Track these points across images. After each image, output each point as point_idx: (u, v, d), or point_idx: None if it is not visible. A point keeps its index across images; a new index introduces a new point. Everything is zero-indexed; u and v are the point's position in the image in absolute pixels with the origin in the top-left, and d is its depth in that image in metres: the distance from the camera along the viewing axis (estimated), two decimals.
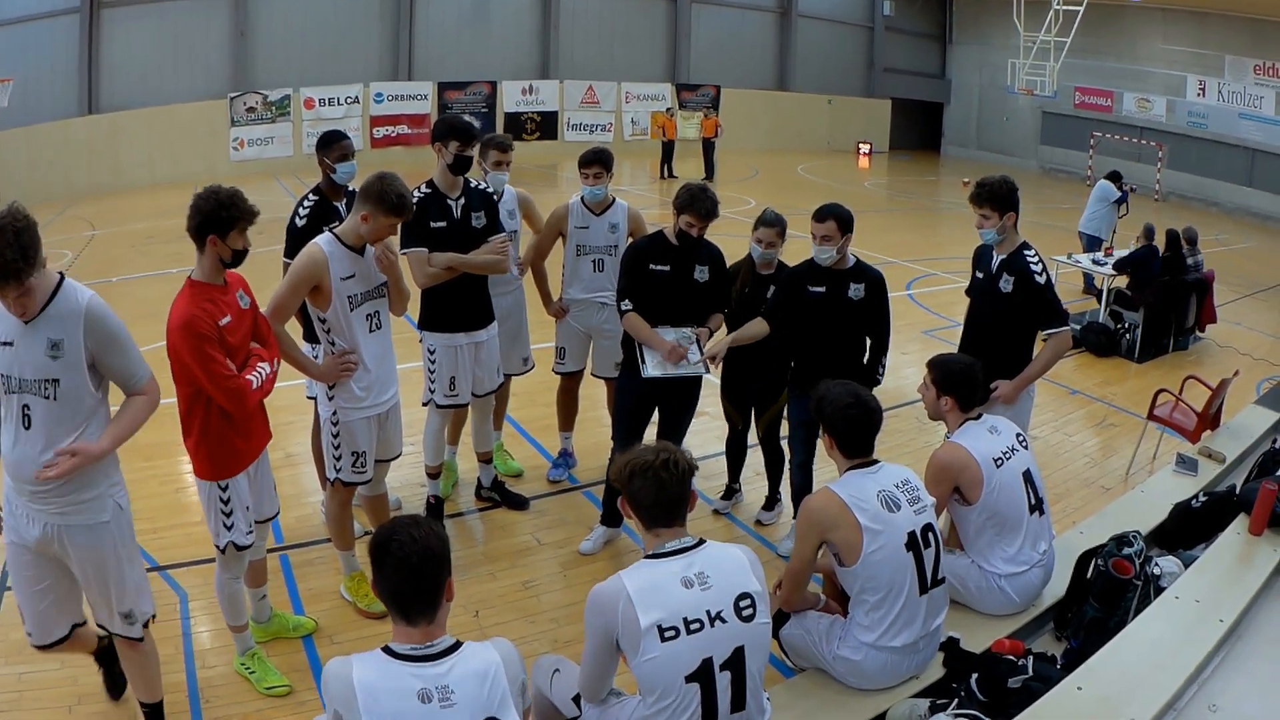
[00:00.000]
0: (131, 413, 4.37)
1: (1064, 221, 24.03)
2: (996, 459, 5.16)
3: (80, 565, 4.40)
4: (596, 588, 3.73)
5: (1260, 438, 7.60)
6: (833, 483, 4.64)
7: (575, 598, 6.40)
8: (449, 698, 3.00)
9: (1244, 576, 4.96)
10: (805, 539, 4.63)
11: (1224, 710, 3.99)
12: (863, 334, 6.70)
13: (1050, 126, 38.63)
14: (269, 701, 5.36)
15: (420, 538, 3.11)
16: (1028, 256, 6.25)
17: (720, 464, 7.88)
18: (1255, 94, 30.62)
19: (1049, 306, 6.27)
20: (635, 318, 6.57)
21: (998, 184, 6.25)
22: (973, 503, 5.15)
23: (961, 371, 5.36)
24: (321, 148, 6.56)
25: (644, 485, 3.76)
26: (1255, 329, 15.40)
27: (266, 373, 4.96)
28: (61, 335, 4.06)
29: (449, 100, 32.69)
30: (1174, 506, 6.11)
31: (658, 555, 3.75)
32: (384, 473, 6.28)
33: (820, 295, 6.55)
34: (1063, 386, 11.47)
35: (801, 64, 40.96)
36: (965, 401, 5.34)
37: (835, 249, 6.39)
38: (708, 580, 3.67)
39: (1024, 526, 5.19)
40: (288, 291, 5.41)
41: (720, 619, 3.63)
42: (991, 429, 5.32)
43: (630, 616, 3.57)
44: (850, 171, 36.82)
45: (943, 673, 4.69)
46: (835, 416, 4.65)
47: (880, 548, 4.42)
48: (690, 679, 3.59)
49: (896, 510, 4.50)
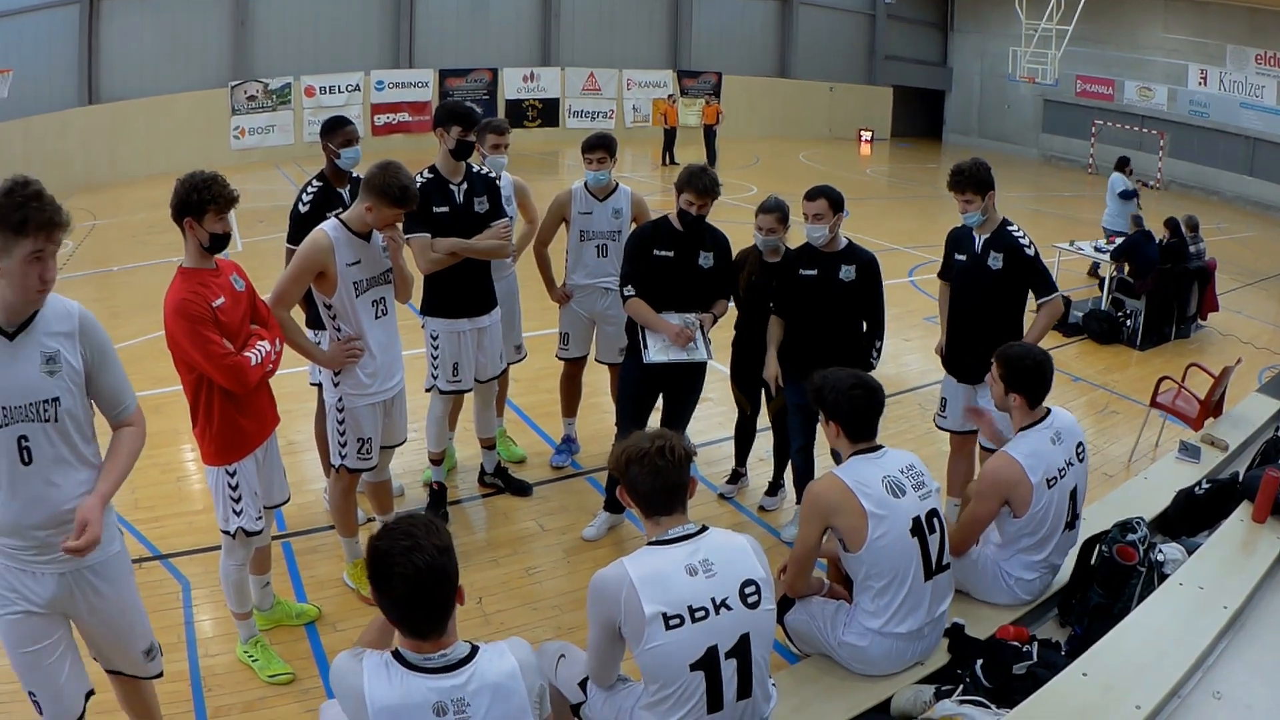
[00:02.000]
0: (127, 448, 3.95)
1: (1065, 210, 24.12)
2: (1051, 479, 5.02)
3: (97, 611, 3.97)
4: (598, 574, 3.70)
5: (1263, 426, 7.61)
6: (837, 468, 4.62)
7: (578, 584, 6.41)
8: (465, 711, 2.94)
9: (1247, 563, 4.96)
10: (810, 524, 4.61)
11: (1228, 697, 3.98)
12: (856, 317, 6.72)
13: (1051, 115, 38.60)
14: (272, 689, 5.35)
15: (423, 562, 2.94)
16: (1013, 232, 6.42)
17: (724, 450, 7.89)
18: (1257, 83, 30.58)
19: (1041, 275, 6.44)
20: (639, 303, 6.58)
21: (974, 168, 6.37)
22: (1018, 517, 5.08)
23: (1031, 368, 5.17)
24: (325, 133, 6.55)
25: (641, 473, 3.73)
26: (1257, 318, 15.40)
27: (266, 350, 4.95)
28: (55, 347, 3.65)
29: (450, 88, 32.61)
30: (1177, 493, 6.11)
31: (661, 542, 3.72)
32: (388, 459, 6.28)
33: (811, 278, 6.61)
34: (1065, 374, 11.45)
35: (803, 51, 40.91)
36: (1034, 398, 5.20)
37: (827, 227, 6.44)
38: (712, 567, 3.64)
39: (1055, 539, 5.14)
40: (293, 277, 5.41)
41: (725, 606, 3.61)
42: (1055, 436, 5.15)
43: (634, 604, 3.53)
44: (852, 159, 36.80)
45: (948, 659, 4.69)
46: (839, 400, 4.61)
47: (885, 533, 4.40)
48: (695, 667, 3.57)
49: (901, 495, 4.47)
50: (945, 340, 6.97)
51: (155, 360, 4.63)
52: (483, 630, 5.85)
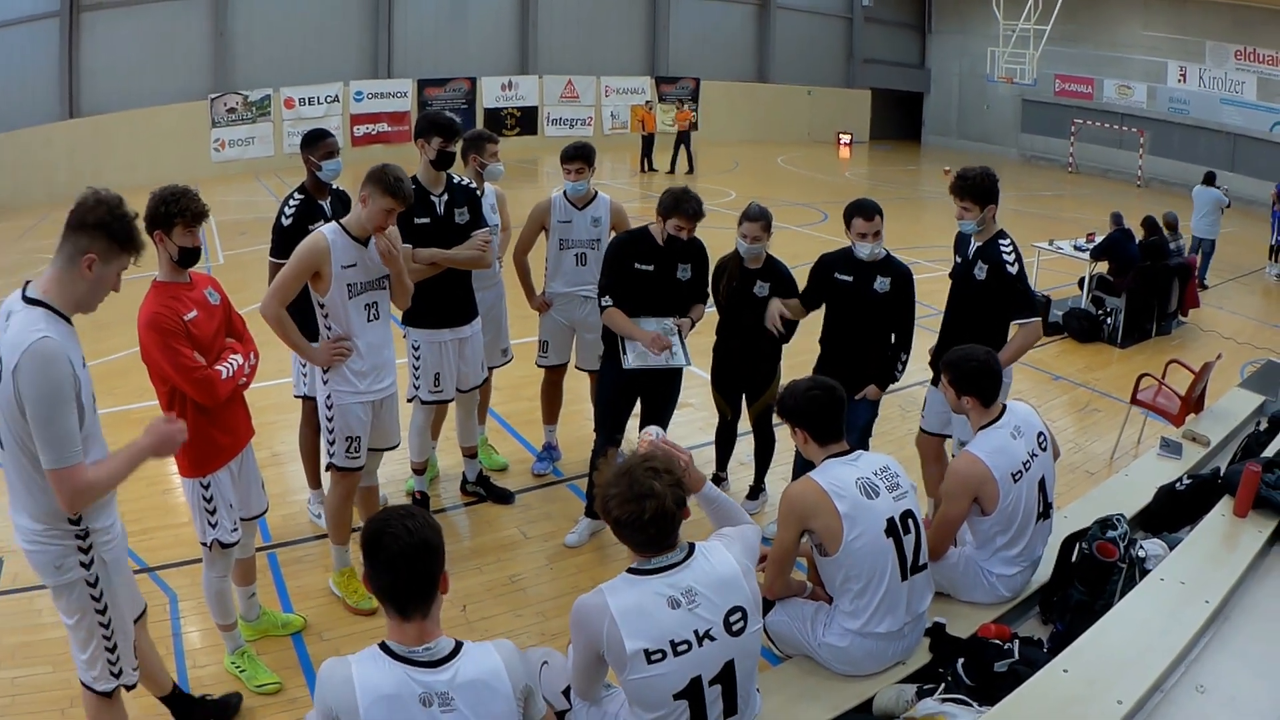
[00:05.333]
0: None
1: (1046, 210, 24.20)
2: (1015, 473, 5.04)
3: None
4: (579, 602, 3.63)
5: (1244, 421, 7.65)
6: (813, 471, 4.61)
7: (562, 590, 6.47)
8: (450, 704, 2.96)
9: (1229, 558, 4.98)
10: (787, 527, 4.61)
11: (1212, 691, 4.00)
12: (886, 328, 6.74)
13: (1031, 114, 38.77)
14: (260, 699, 5.36)
15: (415, 529, 3.05)
16: (1002, 246, 6.30)
17: (705, 455, 7.87)
18: (1236, 79, 30.79)
19: (1020, 297, 6.33)
20: (616, 313, 6.60)
21: (979, 177, 6.28)
22: (987, 514, 5.09)
23: (976, 369, 5.19)
24: (306, 146, 6.56)
25: (631, 534, 3.64)
26: (1238, 313, 15.50)
27: (238, 364, 4.97)
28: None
29: (429, 97, 32.66)
30: (1158, 489, 6.13)
31: (642, 571, 3.63)
32: (376, 463, 6.32)
33: (846, 284, 6.64)
34: (1045, 372, 11.52)
35: (781, 55, 41.09)
36: (986, 397, 5.22)
37: (881, 243, 6.56)
38: (696, 599, 3.56)
39: (1029, 532, 5.15)
40: (289, 275, 5.49)
41: (709, 637, 3.55)
42: (1015, 431, 5.17)
43: (615, 638, 3.48)
44: (831, 162, 36.94)
45: (929, 658, 4.69)
46: (798, 404, 4.63)
47: (860, 534, 4.39)
48: (679, 696, 3.55)
49: (875, 497, 4.47)
50: (937, 342, 6.94)
51: (140, 373, 4.64)
52: (468, 637, 5.79)
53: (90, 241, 3.79)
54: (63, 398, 3.69)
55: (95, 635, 4.15)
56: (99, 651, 4.18)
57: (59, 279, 3.82)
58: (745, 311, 6.97)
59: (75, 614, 4.08)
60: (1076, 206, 25.69)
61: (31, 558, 3.99)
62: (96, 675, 4.23)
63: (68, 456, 3.72)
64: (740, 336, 7.06)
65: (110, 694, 4.30)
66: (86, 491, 3.83)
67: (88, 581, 4.04)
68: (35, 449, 3.73)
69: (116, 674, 4.26)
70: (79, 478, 3.77)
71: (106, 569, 4.09)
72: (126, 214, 3.89)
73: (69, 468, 3.73)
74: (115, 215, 3.84)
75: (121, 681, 4.30)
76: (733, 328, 7.13)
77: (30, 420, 3.67)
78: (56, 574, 3.99)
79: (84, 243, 3.79)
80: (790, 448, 5.41)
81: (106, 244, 3.82)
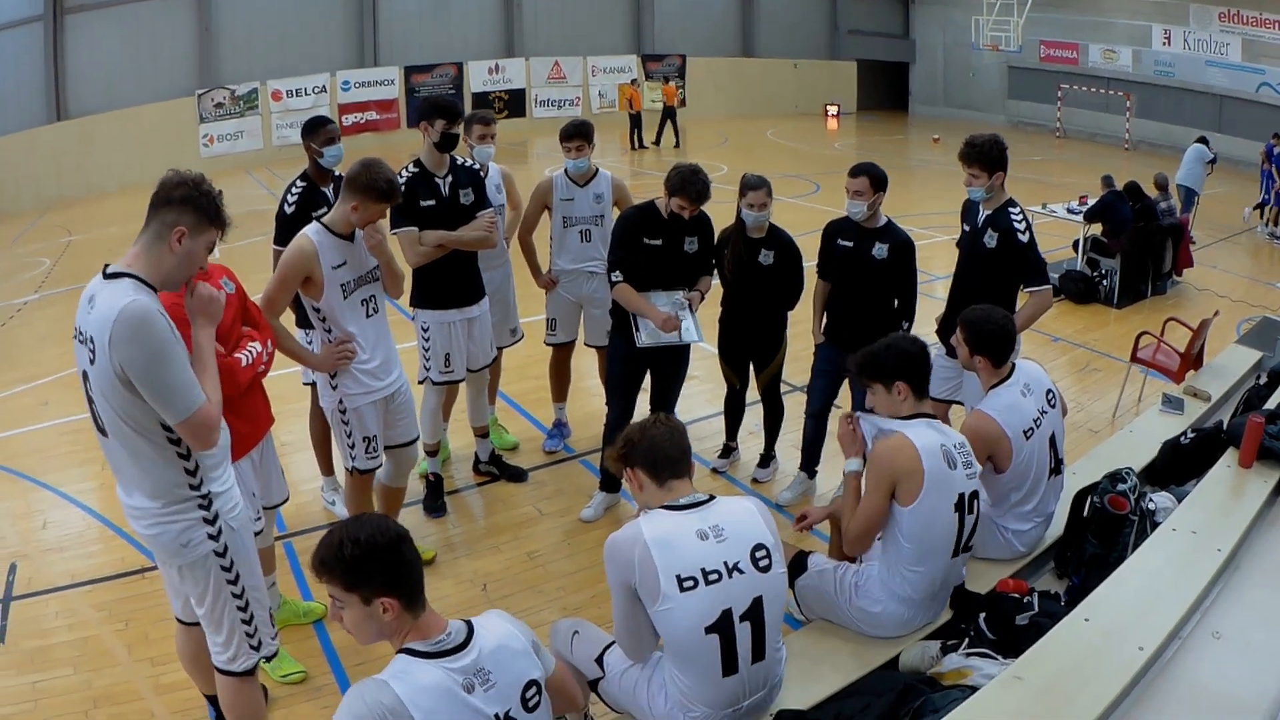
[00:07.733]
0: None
1: (1036, 174, 24.20)
2: (1027, 430, 5.08)
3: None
4: (613, 536, 3.72)
5: (1244, 375, 7.74)
6: (905, 428, 4.53)
7: (581, 565, 6.53)
8: (489, 679, 2.99)
9: (1237, 507, 5.06)
10: (879, 488, 4.51)
11: (1228, 637, 4.05)
12: (887, 294, 6.82)
13: (1017, 81, 38.70)
14: (285, 689, 5.38)
15: (385, 527, 3.02)
16: (1012, 214, 6.32)
17: (713, 426, 7.95)
18: (1221, 41, 30.70)
19: (1031, 264, 6.37)
20: (626, 288, 6.65)
21: (987, 145, 6.27)
22: (1001, 471, 5.13)
23: (995, 333, 5.22)
24: (307, 133, 6.58)
25: (644, 443, 3.82)
26: (1230, 271, 15.56)
27: (258, 351, 4.91)
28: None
29: (416, 84, 32.63)
30: (1164, 444, 6.20)
31: (674, 507, 3.75)
32: (409, 463, 6.27)
33: (847, 249, 6.78)
34: (1044, 334, 11.55)
35: (765, 29, 41.06)
36: (998, 359, 5.25)
37: (866, 204, 6.61)
38: (723, 532, 3.68)
39: (1043, 488, 5.20)
40: (278, 284, 5.38)
41: (738, 569, 3.65)
42: (1025, 389, 5.20)
43: (647, 563, 3.57)
44: (819, 134, 36.88)
45: (950, 614, 4.74)
46: (901, 361, 4.63)
47: (933, 502, 4.39)
48: (710, 630, 3.61)
49: (954, 469, 4.46)
50: (944, 311, 6.94)
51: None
52: None
53: (179, 215, 3.75)
54: (169, 350, 3.62)
55: (229, 612, 4.09)
56: (235, 628, 4.13)
57: (146, 254, 3.75)
58: (751, 281, 7.04)
59: (209, 594, 4.03)
60: (1066, 170, 25.67)
61: (155, 541, 3.92)
62: (233, 655, 4.17)
63: (192, 401, 3.68)
64: (747, 306, 7.13)
65: (250, 671, 4.26)
66: (216, 419, 3.83)
67: (216, 553, 3.97)
68: (146, 422, 3.69)
69: (256, 646, 4.22)
70: (209, 415, 3.75)
71: (236, 535, 4.05)
72: (211, 190, 3.86)
73: (197, 410, 3.69)
74: (201, 190, 3.81)
75: (262, 654, 4.27)
76: (739, 298, 7.18)
77: (143, 385, 3.59)
78: (184, 552, 3.92)
79: (172, 217, 3.75)
80: (797, 415, 5.42)
81: (195, 217, 3.78)
